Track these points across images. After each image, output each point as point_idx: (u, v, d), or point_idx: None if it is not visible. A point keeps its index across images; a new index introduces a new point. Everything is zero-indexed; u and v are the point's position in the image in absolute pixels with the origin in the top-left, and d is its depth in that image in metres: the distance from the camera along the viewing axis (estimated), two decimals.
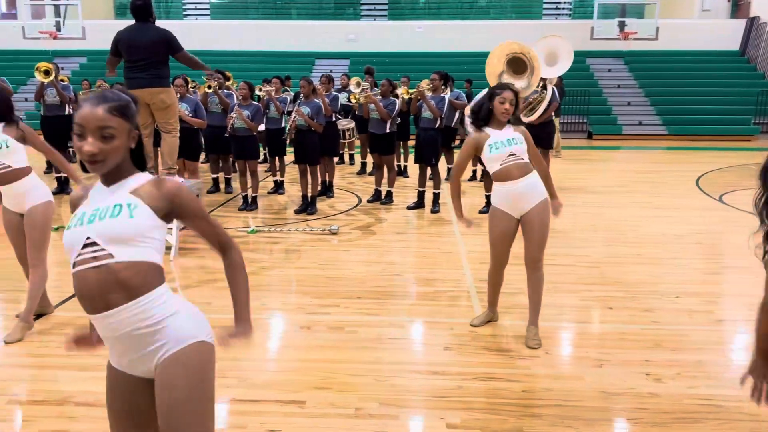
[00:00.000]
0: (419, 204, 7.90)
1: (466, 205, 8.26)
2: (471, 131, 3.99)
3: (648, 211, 7.98)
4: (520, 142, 3.81)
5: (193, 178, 7.64)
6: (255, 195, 7.90)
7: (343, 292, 4.91)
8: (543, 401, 3.24)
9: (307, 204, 7.68)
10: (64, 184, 8.94)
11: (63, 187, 8.80)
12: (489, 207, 6.66)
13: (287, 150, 8.58)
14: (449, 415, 3.10)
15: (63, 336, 4.03)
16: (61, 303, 4.55)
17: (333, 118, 8.58)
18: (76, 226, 1.78)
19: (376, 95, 7.98)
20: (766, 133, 17.35)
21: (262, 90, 8.58)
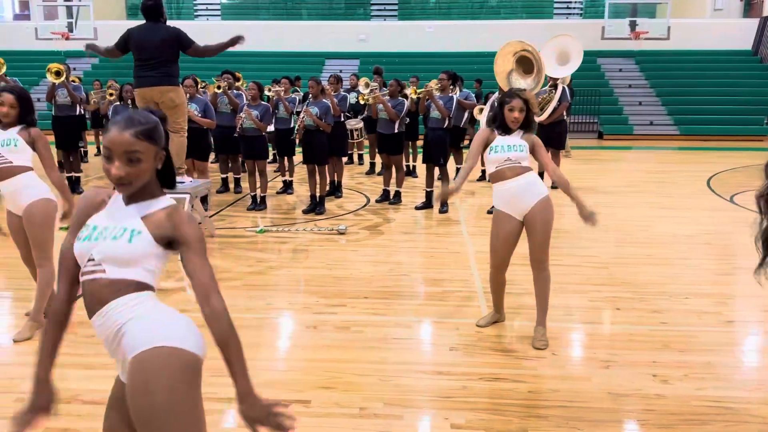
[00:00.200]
0: (427, 204, 7.89)
1: (474, 206, 8.30)
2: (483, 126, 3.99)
3: (658, 211, 7.93)
4: (521, 150, 3.83)
5: (202, 178, 7.66)
6: (264, 195, 7.93)
7: (350, 291, 4.91)
8: (549, 402, 3.23)
9: (315, 204, 7.69)
10: (74, 184, 9.01)
11: (74, 187, 8.85)
12: None
13: (296, 150, 8.59)
14: (454, 416, 3.09)
15: (71, 335, 4.05)
16: None
17: (341, 118, 8.58)
18: (86, 240, 1.83)
19: (384, 95, 7.98)
20: None
21: (272, 90, 8.61)
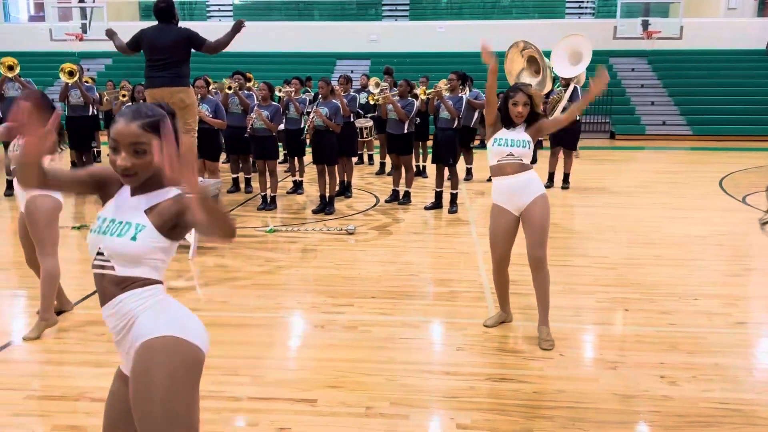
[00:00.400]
0: (437, 204, 7.89)
1: (484, 206, 8.29)
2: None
3: (669, 212, 7.88)
4: (524, 145, 3.83)
5: (213, 178, 7.71)
6: (274, 195, 7.96)
7: (358, 291, 4.92)
8: (555, 403, 3.23)
9: (325, 204, 7.71)
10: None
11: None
12: None
13: (306, 150, 8.63)
14: (460, 416, 3.09)
15: (81, 333, 4.10)
16: (80, 301, 4.63)
17: (351, 119, 8.60)
18: (95, 233, 1.89)
19: (394, 95, 7.99)
20: None
21: (282, 91, 8.65)
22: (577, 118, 9.45)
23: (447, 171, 7.76)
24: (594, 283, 5.12)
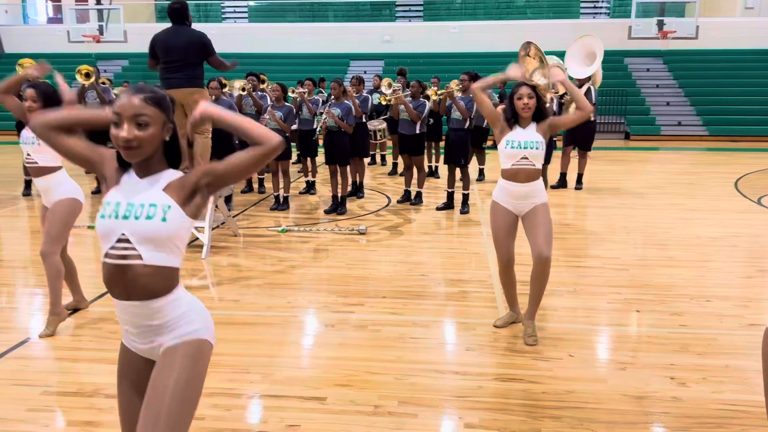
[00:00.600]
0: (448, 205, 7.90)
1: None
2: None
3: (683, 213, 7.84)
4: (537, 146, 3.82)
5: None
6: (287, 195, 8.01)
7: (369, 291, 4.96)
8: (563, 403, 3.23)
9: (337, 204, 7.76)
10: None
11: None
12: None
13: (319, 151, 8.67)
14: (468, 415, 3.11)
15: (96, 331, 4.17)
16: (96, 298, 4.70)
17: (363, 120, 8.64)
18: (110, 218, 1.85)
19: (406, 96, 8.01)
20: None
21: (295, 92, 8.70)
22: (592, 118, 9.43)
23: (459, 171, 7.78)
24: (606, 284, 5.11)
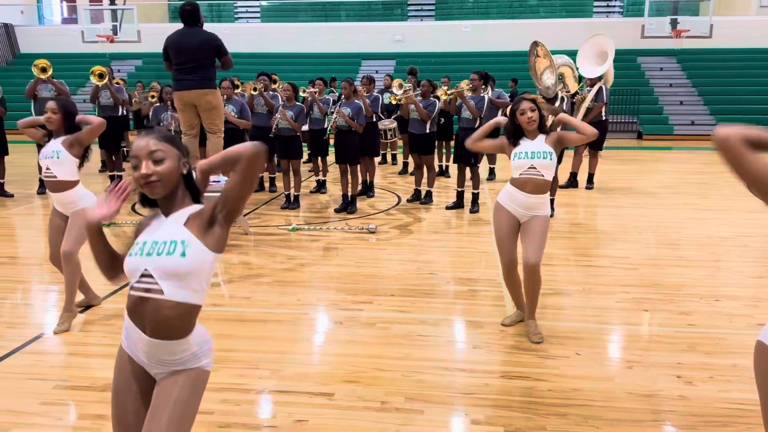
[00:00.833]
0: (458, 204, 7.92)
1: None
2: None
3: (694, 213, 7.81)
4: (546, 156, 3.82)
5: None
6: (297, 194, 8.07)
7: (378, 289, 4.99)
8: (569, 401, 3.25)
9: (347, 203, 7.80)
10: (118, 181, 9.29)
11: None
12: (552, 211, 6.65)
13: (330, 150, 8.72)
14: (474, 412, 3.14)
15: (108, 327, 4.24)
16: (108, 296, 4.77)
17: (374, 119, 8.67)
18: (135, 255, 1.97)
19: (416, 96, 8.04)
20: None
21: (306, 92, 8.75)
22: (603, 117, 9.40)
23: (469, 171, 7.79)
24: (615, 284, 5.11)
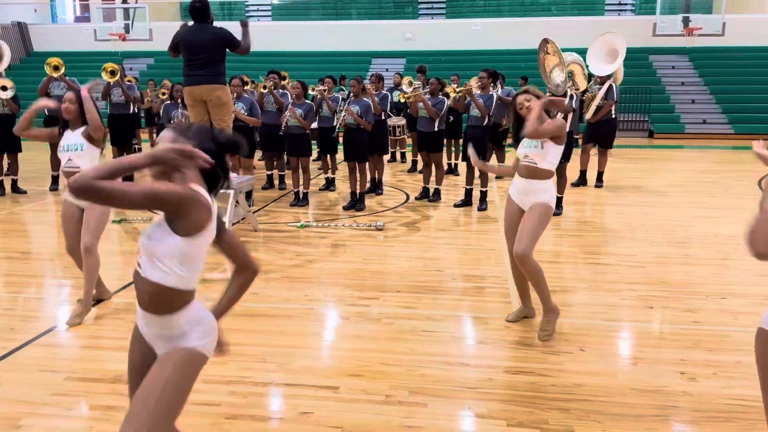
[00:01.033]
0: (466, 201, 7.95)
1: None
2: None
3: (703, 211, 7.79)
4: (535, 146, 3.97)
5: (247, 175, 7.91)
6: (306, 191, 8.12)
7: (385, 285, 5.03)
8: (572, 396, 3.28)
9: (355, 200, 7.84)
10: (128, 179, 9.40)
11: (130, 179, 9.25)
12: (560, 209, 6.80)
13: (339, 148, 8.77)
14: (477, 405, 3.18)
15: (119, 321, 4.31)
16: (119, 290, 4.84)
17: (383, 117, 8.71)
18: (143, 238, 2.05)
19: (425, 93, 8.07)
20: None
21: (315, 90, 8.80)
22: (613, 115, 9.40)
23: (477, 168, 7.80)
24: (621, 281, 5.13)
